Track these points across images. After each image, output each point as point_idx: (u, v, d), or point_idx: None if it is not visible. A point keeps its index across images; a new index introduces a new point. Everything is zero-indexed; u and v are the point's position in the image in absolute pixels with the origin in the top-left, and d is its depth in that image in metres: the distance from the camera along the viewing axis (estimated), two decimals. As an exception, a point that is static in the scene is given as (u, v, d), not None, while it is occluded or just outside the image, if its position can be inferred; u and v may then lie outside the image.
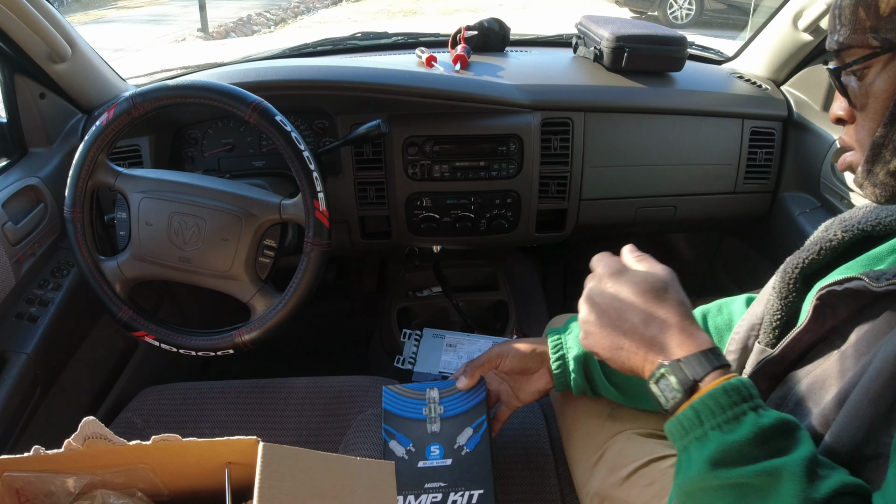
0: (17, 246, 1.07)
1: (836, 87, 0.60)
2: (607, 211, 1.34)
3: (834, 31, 0.59)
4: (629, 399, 0.82)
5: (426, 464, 0.89)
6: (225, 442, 0.55)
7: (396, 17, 8.95)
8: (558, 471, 0.93)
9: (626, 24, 1.40)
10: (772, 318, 0.68)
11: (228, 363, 1.31)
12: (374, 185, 1.27)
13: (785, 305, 0.67)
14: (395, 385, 0.95)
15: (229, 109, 0.96)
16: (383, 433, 0.92)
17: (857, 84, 0.58)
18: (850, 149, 0.62)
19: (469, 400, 0.92)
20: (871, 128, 0.57)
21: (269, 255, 1.03)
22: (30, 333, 1.07)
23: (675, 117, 1.29)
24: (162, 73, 1.51)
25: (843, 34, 0.57)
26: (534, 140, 1.23)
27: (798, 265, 0.66)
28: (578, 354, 0.81)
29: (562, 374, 0.82)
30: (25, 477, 0.56)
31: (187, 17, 8.67)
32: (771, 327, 0.68)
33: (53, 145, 1.22)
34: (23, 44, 1.08)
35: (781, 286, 0.67)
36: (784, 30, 1.31)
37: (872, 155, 0.57)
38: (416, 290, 1.71)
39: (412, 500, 0.85)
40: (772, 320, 0.68)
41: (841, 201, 1.21)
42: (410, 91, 1.19)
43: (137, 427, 1.04)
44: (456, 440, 0.91)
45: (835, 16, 0.59)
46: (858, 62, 0.56)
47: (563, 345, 0.83)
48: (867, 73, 0.57)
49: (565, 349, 0.83)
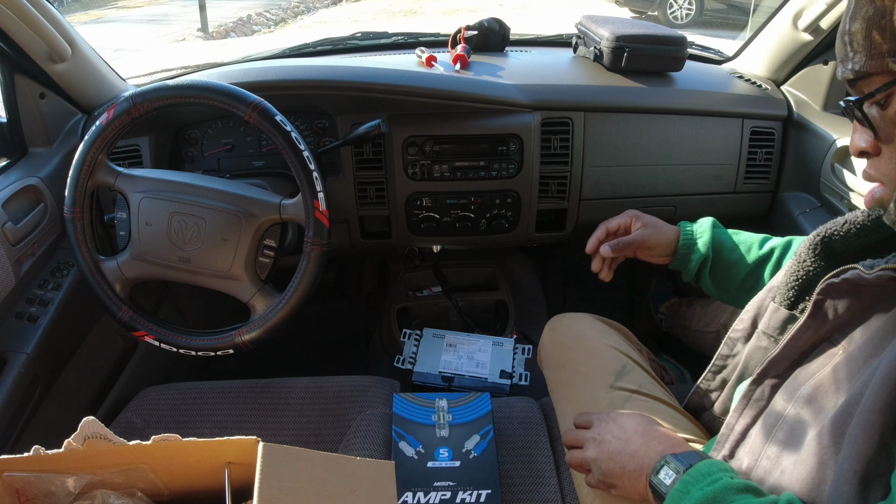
0: (17, 246, 1.07)
1: (858, 119, 0.55)
2: (607, 211, 1.33)
3: (847, 60, 0.54)
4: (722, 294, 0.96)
5: (435, 464, 0.90)
6: (225, 442, 0.55)
7: (396, 17, 8.95)
8: (558, 471, 0.93)
9: (626, 23, 1.40)
10: (788, 279, 0.72)
11: (228, 363, 1.31)
12: (374, 185, 1.27)
13: (802, 268, 0.71)
14: (406, 393, 0.98)
15: (229, 109, 0.96)
16: (393, 434, 0.94)
17: (880, 114, 0.53)
18: (876, 182, 0.57)
19: (476, 411, 0.95)
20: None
21: (269, 254, 1.03)
22: (30, 333, 1.07)
23: (675, 117, 1.29)
24: (162, 73, 1.51)
25: (858, 62, 0.52)
26: (534, 140, 1.23)
27: (820, 232, 0.71)
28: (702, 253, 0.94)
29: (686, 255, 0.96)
30: (25, 477, 0.56)
31: (187, 16, 8.67)
32: (787, 288, 0.72)
33: (53, 145, 1.22)
34: (23, 44, 1.08)
35: (802, 250, 0.72)
36: (784, 30, 1.31)
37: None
38: (416, 290, 1.72)
39: (421, 497, 0.86)
40: (788, 281, 0.72)
41: (841, 201, 1.21)
42: (410, 91, 1.19)
43: (137, 427, 1.04)
44: (464, 445, 0.93)
45: (845, 42, 0.53)
46: (880, 90, 0.52)
47: (692, 238, 0.96)
48: (891, 101, 0.52)
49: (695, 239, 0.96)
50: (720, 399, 0.83)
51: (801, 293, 0.72)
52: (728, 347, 0.83)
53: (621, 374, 0.90)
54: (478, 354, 1.36)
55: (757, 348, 0.76)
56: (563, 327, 1.03)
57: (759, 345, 0.76)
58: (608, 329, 1.01)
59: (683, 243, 0.96)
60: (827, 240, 0.71)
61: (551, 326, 1.05)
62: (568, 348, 0.98)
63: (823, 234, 0.71)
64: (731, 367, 0.82)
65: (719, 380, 0.84)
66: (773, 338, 0.74)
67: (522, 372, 1.31)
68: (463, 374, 1.31)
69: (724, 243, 0.95)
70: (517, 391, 1.28)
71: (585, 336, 0.99)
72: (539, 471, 0.93)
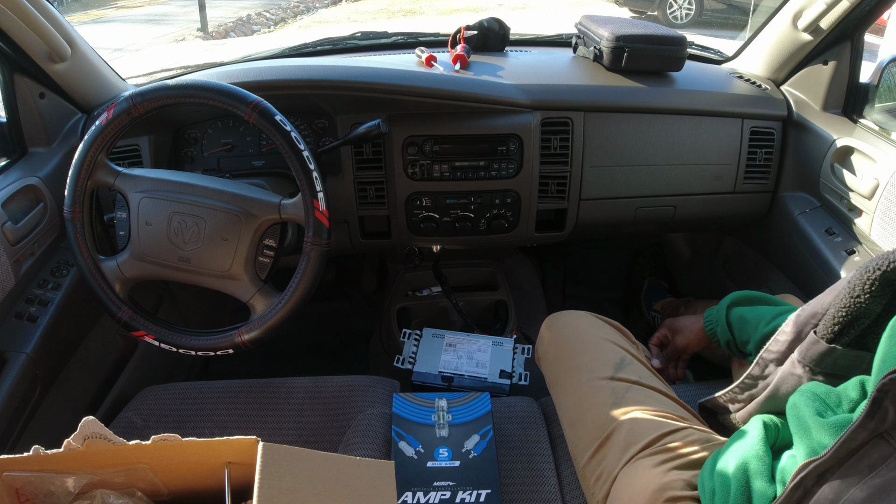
0: (16, 246, 1.07)
1: None
2: (607, 211, 1.34)
3: None
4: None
5: (435, 464, 0.90)
6: (225, 442, 0.55)
7: (396, 17, 8.95)
8: (558, 471, 0.93)
9: (626, 23, 1.40)
10: (836, 312, 0.66)
11: (228, 363, 1.31)
12: (374, 184, 1.27)
13: (854, 303, 0.64)
14: (406, 393, 0.98)
15: (229, 109, 0.96)
16: (393, 434, 0.94)
17: None
18: None
19: (476, 411, 0.95)
20: None
21: (268, 254, 1.03)
22: (29, 333, 1.07)
23: (674, 117, 1.29)
24: (161, 72, 1.51)
25: None
26: (533, 140, 1.23)
27: (881, 266, 0.62)
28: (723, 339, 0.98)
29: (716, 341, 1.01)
30: (25, 477, 0.56)
31: (187, 16, 8.67)
32: (833, 321, 0.66)
33: (53, 145, 1.22)
34: (23, 43, 1.08)
35: (857, 282, 0.64)
36: (784, 30, 1.31)
37: None
38: (416, 290, 1.72)
39: (420, 497, 0.86)
40: (836, 314, 0.65)
41: (840, 201, 1.21)
42: (410, 91, 1.19)
43: (137, 427, 1.04)
44: (464, 445, 0.93)
45: None
46: None
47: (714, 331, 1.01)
48: None
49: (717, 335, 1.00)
50: (746, 410, 0.82)
51: (847, 327, 0.67)
52: (759, 368, 0.79)
53: (620, 366, 0.90)
54: (477, 354, 1.36)
55: (791, 374, 0.73)
56: (560, 323, 1.04)
57: (793, 372, 0.73)
58: (606, 326, 1.02)
59: (709, 331, 1.01)
60: (890, 274, 0.62)
61: (549, 323, 1.05)
62: (566, 343, 0.99)
63: (885, 269, 0.61)
64: (760, 387, 0.80)
65: (747, 395, 0.83)
66: (810, 368, 0.70)
67: (522, 372, 1.31)
68: (463, 374, 1.31)
69: (746, 317, 0.94)
70: (517, 391, 1.28)
71: (583, 331, 0.99)
72: (539, 471, 0.93)
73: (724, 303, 0.99)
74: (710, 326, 1.00)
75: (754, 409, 0.80)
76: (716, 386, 0.97)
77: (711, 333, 1.00)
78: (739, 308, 0.96)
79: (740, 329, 0.93)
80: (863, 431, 0.50)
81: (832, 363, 0.69)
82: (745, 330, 0.92)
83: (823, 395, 0.63)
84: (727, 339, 0.96)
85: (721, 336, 0.97)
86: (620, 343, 0.96)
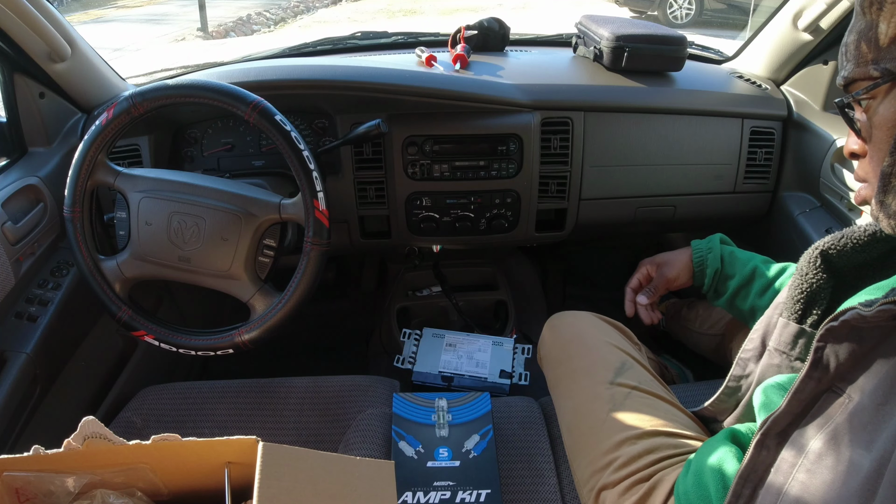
0: (16, 245, 1.07)
1: (846, 121, 0.62)
2: (607, 210, 1.34)
3: (841, 68, 0.61)
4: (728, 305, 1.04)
5: (435, 464, 0.90)
6: (224, 442, 0.55)
7: (396, 17, 8.95)
8: (558, 471, 0.93)
9: (626, 23, 1.40)
10: (793, 293, 0.73)
11: (228, 363, 1.31)
12: (374, 184, 1.27)
13: (806, 281, 0.72)
14: (406, 393, 0.98)
15: (229, 109, 0.96)
16: (393, 434, 0.94)
17: (863, 116, 0.59)
18: (864, 182, 0.62)
19: (476, 410, 0.95)
20: (879, 158, 0.57)
21: (268, 254, 1.03)
22: (29, 333, 1.06)
23: (674, 117, 1.29)
24: (161, 72, 1.51)
25: (848, 69, 0.59)
26: (533, 140, 1.23)
27: (818, 246, 0.73)
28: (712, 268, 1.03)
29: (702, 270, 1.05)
30: (25, 476, 0.56)
31: (187, 16, 8.67)
32: (793, 301, 0.73)
33: (53, 145, 1.22)
34: (22, 43, 1.08)
35: (804, 263, 0.74)
36: (784, 29, 1.31)
37: (882, 185, 0.56)
38: (416, 289, 1.72)
39: (420, 497, 0.86)
40: (793, 295, 0.73)
41: (841, 201, 1.21)
42: (410, 91, 1.19)
43: (137, 427, 1.04)
44: (464, 444, 0.93)
45: (842, 53, 0.60)
46: (861, 93, 0.57)
47: (704, 259, 1.05)
48: (871, 105, 0.57)
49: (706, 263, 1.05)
50: (734, 415, 0.82)
51: (807, 306, 0.73)
52: (740, 368, 0.82)
53: (621, 370, 0.90)
54: (477, 354, 1.36)
55: (770, 366, 0.76)
56: (562, 325, 1.03)
57: (771, 362, 0.76)
58: (608, 327, 1.01)
59: (697, 260, 1.05)
60: (825, 253, 0.72)
61: (551, 324, 1.05)
62: (568, 345, 0.98)
63: (822, 248, 0.73)
64: (745, 387, 0.82)
65: (734, 400, 0.84)
66: (786, 354, 0.74)
67: (522, 372, 1.31)
68: (463, 374, 1.31)
69: (736, 253, 1.03)
70: (517, 391, 1.28)
71: (585, 333, 0.99)
72: (539, 471, 0.93)
73: (713, 237, 1.06)
74: (699, 255, 1.04)
75: (741, 413, 0.80)
76: (716, 386, 0.97)
77: (700, 262, 1.04)
78: (729, 246, 1.05)
79: (730, 263, 1.02)
80: (810, 381, 0.55)
81: (805, 346, 0.73)
82: (733, 264, 1.01)
83: (786, 382, 0.68)
84: (716, 267, 1.02)
85: (711, 264, 1.02)
86: (622, 345, 0.96)
